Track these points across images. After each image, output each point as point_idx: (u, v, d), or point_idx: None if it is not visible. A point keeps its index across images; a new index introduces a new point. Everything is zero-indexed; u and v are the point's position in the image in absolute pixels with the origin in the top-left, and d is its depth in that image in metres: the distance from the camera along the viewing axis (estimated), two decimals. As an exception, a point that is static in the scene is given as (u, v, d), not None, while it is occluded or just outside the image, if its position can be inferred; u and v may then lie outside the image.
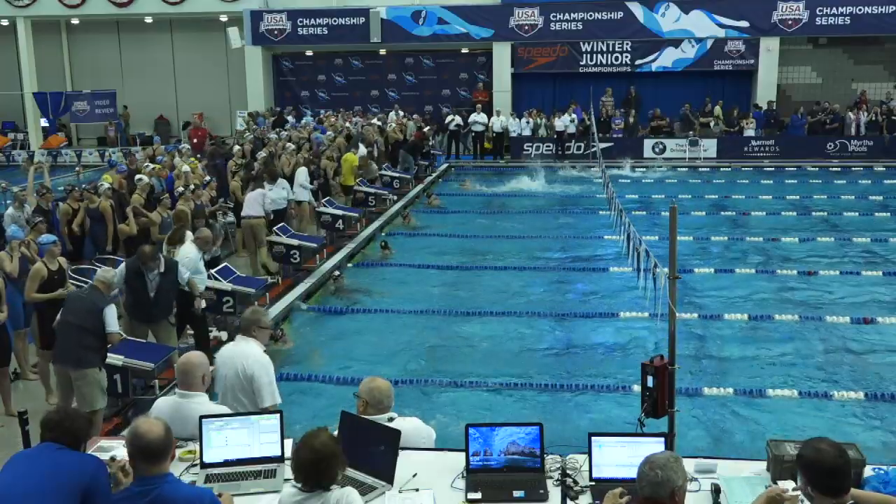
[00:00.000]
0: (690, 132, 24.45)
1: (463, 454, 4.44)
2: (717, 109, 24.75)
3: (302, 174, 14.60)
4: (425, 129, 22.76)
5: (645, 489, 3.48)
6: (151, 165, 14.29)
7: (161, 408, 4.83)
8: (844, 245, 14.50)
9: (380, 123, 22.78)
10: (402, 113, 24.41)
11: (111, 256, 10.88)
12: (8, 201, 12.85)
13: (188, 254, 9.24)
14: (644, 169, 23.21)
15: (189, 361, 4.84)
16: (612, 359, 9.55)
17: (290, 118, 25.05)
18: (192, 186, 12.37)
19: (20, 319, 8.49)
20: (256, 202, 12.52)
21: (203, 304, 8.99)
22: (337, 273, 12.61)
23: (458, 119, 25.06)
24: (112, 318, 7.28)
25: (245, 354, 5.28)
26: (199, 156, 16.84)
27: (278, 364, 9.48)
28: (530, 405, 8.34)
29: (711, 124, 24.60)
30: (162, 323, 8.66)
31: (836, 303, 11.36)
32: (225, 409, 4.86)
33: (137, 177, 12.75)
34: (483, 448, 4.42)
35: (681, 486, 3.49)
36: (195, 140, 20.73)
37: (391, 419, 4.55)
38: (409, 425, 4.65)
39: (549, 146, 24.79)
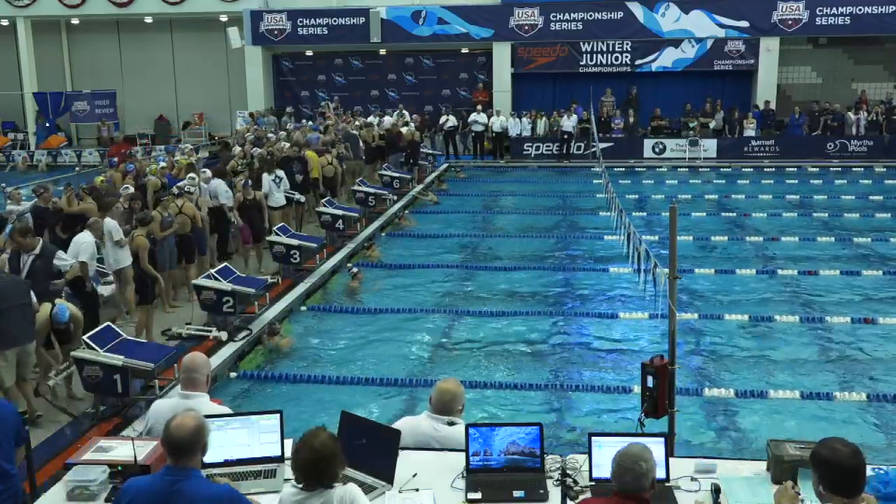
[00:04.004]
0: (690, 132, 24.45)
1: (463, 454, 4.43)
2: (718, 118, 24.62)
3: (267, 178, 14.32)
4: (402, 129, 22.42)
5: (629, 483, 3.53)
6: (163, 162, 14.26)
7: (162, 408, 4.82)
8: (844, 245, 14.50)
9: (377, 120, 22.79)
10: (405, 113, 24.40)
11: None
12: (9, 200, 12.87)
13: (84, 239, 9.33)
14: (644, 169, 23.24)
15: (194, 361, 4.82)
16: (612, 359, 9.55)
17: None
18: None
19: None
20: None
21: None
22: (355, 270, 12.55)
23: (453, 119, 25.03)
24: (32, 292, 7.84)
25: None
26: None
27: (279, 362, 9.56)
28: (530, 405, 8.34)
29: (711, 125, 24.59)
30: None
31: (837, 303, 11.36)
32: (226, 409, 4.85)
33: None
34: (483, 448, 4.41)
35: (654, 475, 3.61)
36: (116, 159, 17.69)
37: (451, 423, 4.57)
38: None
39: (549, 146, 24.77)
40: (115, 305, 10.51)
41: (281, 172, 14.37)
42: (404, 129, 21.72)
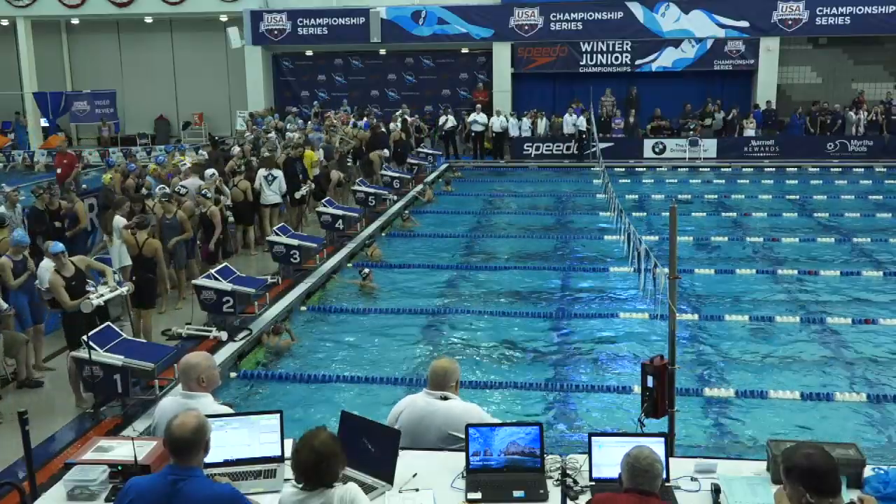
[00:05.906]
0: (690, 132, 24.46)
1: (463, 454, 4.44)
2: (718, 118, 24.62)
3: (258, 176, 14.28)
4: (381, 127, 22.17)
5: (644, 484, 3.68)
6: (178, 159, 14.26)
7: (167, 407, 4.81)
8: (844, 245, 14.49)
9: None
10: (408, 111, 24.40)
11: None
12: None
13: (43, 265, 8.63)
14: (644, 169, 23.23)
15: (186, 362, 4.82)
16: (612, 359, 9.55)
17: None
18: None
19: (27, 319, 8.58)
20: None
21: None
22: (367, 271, 12.50)
23: (453, 119, 25.02)
24: None
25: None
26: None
27: (279, 362, 9.56)
28: (530, 405, 8.34)
29: (711, 125, 24.57)
30: None
31: (837, 303, 11.35)
32: (228, 410, 4.84)
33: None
34: (483, 448, 4.42)
35: None
36: (59, 170, 16.90)
37: (444, 398, 4.73)
38: (460, 408, 4.74)
39: (549, 146, 24.75)
40: (115, 305, 10.49)
41: (277, 172, 14.34)
42: (392, 129, 21.76)
